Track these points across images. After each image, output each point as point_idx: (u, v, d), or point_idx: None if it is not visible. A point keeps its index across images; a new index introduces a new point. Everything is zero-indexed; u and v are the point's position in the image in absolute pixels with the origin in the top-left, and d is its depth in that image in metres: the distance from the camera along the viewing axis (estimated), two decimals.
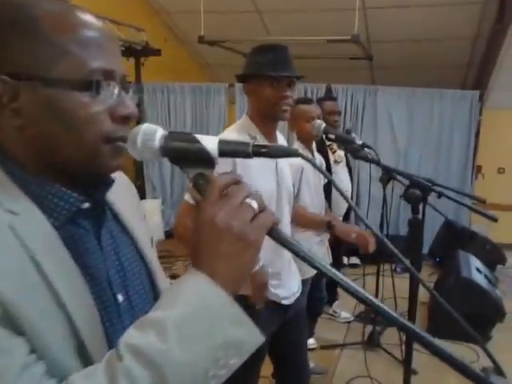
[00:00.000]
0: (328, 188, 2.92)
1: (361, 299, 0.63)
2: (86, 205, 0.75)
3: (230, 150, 0.68)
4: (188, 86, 6.24)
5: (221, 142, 0.67)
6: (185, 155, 0.68)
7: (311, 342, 3.35)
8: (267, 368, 2.14)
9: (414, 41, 6.07)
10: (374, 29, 6.04)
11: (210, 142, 0.68)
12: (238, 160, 1.69)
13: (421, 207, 1.84)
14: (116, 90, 0.72)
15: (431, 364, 2.58)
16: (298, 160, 2.51)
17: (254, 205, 0.63)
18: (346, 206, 3.65)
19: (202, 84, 6.30)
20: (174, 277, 4.63)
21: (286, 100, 1.82)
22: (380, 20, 5.82)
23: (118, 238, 0.82)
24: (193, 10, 5.31)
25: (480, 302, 3.54)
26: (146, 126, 0.69)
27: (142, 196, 6.34)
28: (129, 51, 5.73)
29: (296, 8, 5.88)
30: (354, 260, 5.20)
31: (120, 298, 0.77)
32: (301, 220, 2.42)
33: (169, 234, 6.11)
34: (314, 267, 0.65)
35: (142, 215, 0.96)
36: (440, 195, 1.71)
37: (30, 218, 0.68)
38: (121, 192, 0.88)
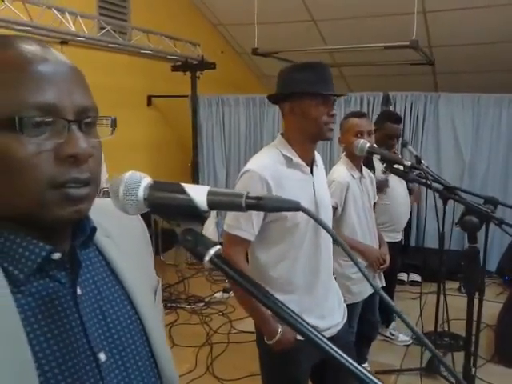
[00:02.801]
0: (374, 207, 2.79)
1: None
2: (57, 255, 0.68)
3: (220, 203, 0.60)
4: (242, 98, 6.24)
5: (210, 194, 0.60)
6: (171, 208, 0.61)
7: (365, 365, 3.19)
8: None
9: (479, 44, 5.72)
10: (435, 32, 5.78)
11: (198, 194, 0.60)
12: (271, 181, 1.65)
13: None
14: (62, 127, 0.63)
15: None
16: (345, 176, 2.43)
17: None
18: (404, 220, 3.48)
19: (256, 95, 6.28)
20: (226, 290, 4.61)
21: (333, 118, 1.77)
22: (441, 23, 5.55)
23: (106, 289, 0.75)
24: (248, 22, 5.31)
25: None
26: (129, 175, 0.63)
27: None
28: (185, 66, 5.84)
29: (351, 15, 5.74)
30: (415, 277, 4.94)
31: (102, 356, 0.70)
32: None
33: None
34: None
35: (147, 259, 0.88)
36: (501, 223, 1.54)
37: None
38: (122, 234, 0.81)
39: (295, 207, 0.59)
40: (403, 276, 4.90)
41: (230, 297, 4.51)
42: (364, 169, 2.62)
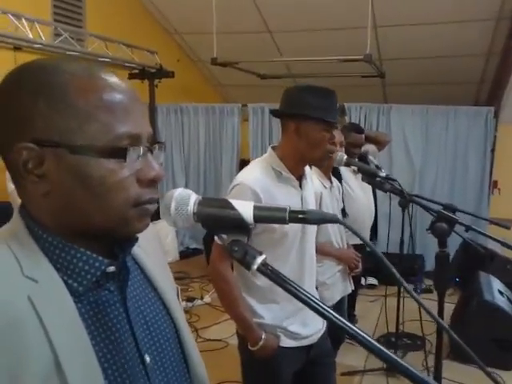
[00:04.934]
0: (343, 212, 2.91)
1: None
2: (112, 268, 0.73)
3: (265, 217, 0.66)
4: (202, 107, 6.28)
5: (256, 208, 0.66)
6: (219, 222, 0.66)
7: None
8: None
9: (427, 58, 6.05)
10: (385, 47, 6.04)
11: (245, 208, 0.66)
12: (261, 193, 1.69)
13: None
14: (141, 153, 0.70)
15: None
16: (317, 187, 2.52)
17: None
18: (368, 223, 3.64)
19: (216, 105, 6.34)
20: (190, 299, 4.61)
21: (332, 147, 1.83)
22: (391, 38, 5.83)
23: (144, 295, 0.81)
24: (205, 32, 5.36)
25: (503, 326, 3.46)
26: (179, 192, 0.68)
27: (156, 216, 6.33)
28: (142, 74, 5.81)
29: (307, 27, 5.91)
30: (372, 280, 5.13)
31: (147, 358, 0.76)
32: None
33: (184, 255, 6.09)
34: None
35: (166, 265, 0.94)
36: (468, 229, 1.67)
37: (49, 288, 0.66)
38: (147, 244, 0.86)
39: (335, 220, 0.66)
40: (361, 279, 5.08)
41: (194, 306, 4.52)
42: (332, 178, 2.74)
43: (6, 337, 0.60)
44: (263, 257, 0.65)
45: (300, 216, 0.65)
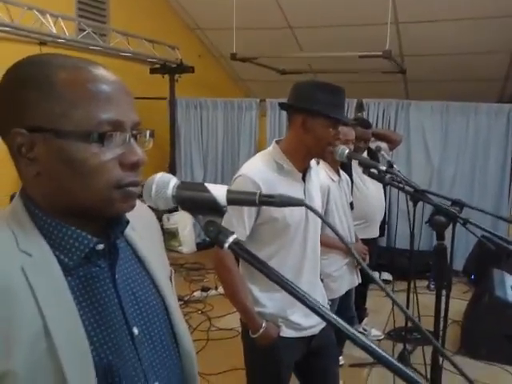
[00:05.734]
0: (351, 206, 2.94)
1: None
2: (101, 246, 0.80)
3: (237, 199, 0.72)
4: (220, 101, 6.36)
5: (229, 192, 0.72)
6: (195, 204, 0.73)
7: (339, 359, 3.34)
8: None
9: (448, 54, 5.99)
10: (407, 42, 6.00)
11: (219, 192, 0.72)
12: (263, 185, 1.73)
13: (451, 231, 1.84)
14: (125, 139, 0.77)
15: None
16: (325, 179, 2.56)
17: None
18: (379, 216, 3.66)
19: (234, 99, 6.40)
20: (204, 289, 4.71)
21: (337, 143, 1.89)
22: (413, 34, 5.78)
23: (135, 274, 0.88)
24: (226, 27, 5.42)
25: None
26: (159, 177, 0.75)
27: (175, 208, 6.45)
28: (163, 69, 5.91)
29: (328, 23, 5.91)
30: (386, 276, 5.14)
31: (136, 330, 0.83)
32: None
33: (201, 246, 6.20)
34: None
35: (162, 249, 1.01)
36: (465, 223, 1.69)
37: (42, 262, 0.74)
38: (143, 228, 0.93)
39: (300, 203, 0.71)
40: (375, 275, 5.09)
41: (209, 296, 4.61)
42: (341, 171, 2.78)
43: (0, 300, 0.68)
44: (234, 236, 0.71)
45: (269, 199, 0.71)
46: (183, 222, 6.07)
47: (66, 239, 0.77)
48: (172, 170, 6.20)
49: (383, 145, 3.75)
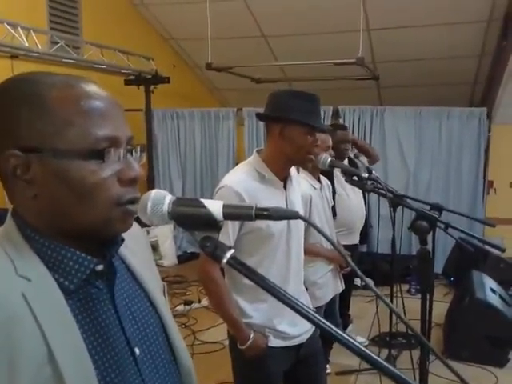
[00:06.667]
0: (333, 210, 2.96)
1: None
2: (100, 267, 0.78)
3: (233, 214, 0.71)
4: (197, 111, 6.35)
5: (225, 207, 0.71)
6: (191, 220, 0.71)
7: (326, 367, 3.33)
8: None
9: (421, 60, 6.11)
10: (379, 49, 6.11)
11: (215, 207, 0.71)
12: (245, 195, 1.73)
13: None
14: (121, 155, 0.76)
15: None
16: (306, 189, 2.57)
17: None
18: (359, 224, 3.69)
19: (211, 109, 6.40)
20: (187, 303, 4.65)
21: (315, 150, 1.89)
22: (385, 40, 5.89)
23: (132, 292, 0.86)
24: (200, 37, 5.43)
25: (495, 323, 3.50)
26: (154, 193, 0.73)
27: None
28: (138, 80, 5.87)
29: (301, 31, 5.98)
30: (368, 281, 5.17)
31: (137, 351, 0.81)
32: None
33: (182, 259, 6.14)
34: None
35: (153, 264, 1.00)
36: (446, 227, 1.72)
37: (42, 286, 0.71)
38: (134, 244, 0.91)
39: (295, 216, 0.71)
40: (357, 280, 5.12)
41: (192, 309, 4.56)
42: (321, 177, 2.79)
43: (4, 331, 0.66)
44: (232, 251, 0.70)
45: (265, 213, 0.70)
46: (163, 235, 6.01)
47: (66, 262, 0.75)
48: (150, 182, 6.14)
49: (364, 159, 3.82)
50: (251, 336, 1.81)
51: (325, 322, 0.67)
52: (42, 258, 0.74)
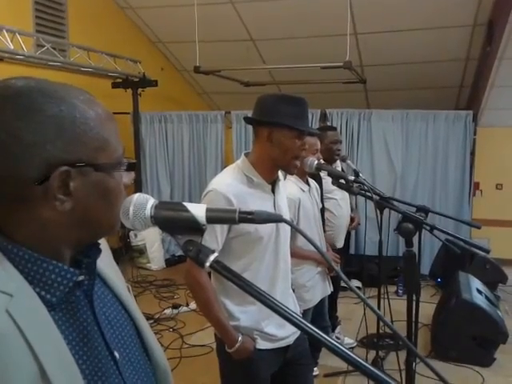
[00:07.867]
0: (321, 213, 2.98)
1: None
2: (81, 277, 0.78)
3: (217, 218, 0.71)
4: (185, 114, 6.34)
5: (208, 210, 0.71)
6: (175, 223, 0.72)
7: (314, 369, 3.34)
8: None
9: (406, 63, 6.17)
10: (366, 53, 6.16)
11: (198, 210, 0.71)
12: (234, 199, 1.73)
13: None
14: (126, 166, 0.82)
15: None
16: (295, 192, 2.58)
17: None
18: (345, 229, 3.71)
19: (199, 112, 6.40)
20: (175, 306, 4.63)
21: (303, 154, 1.90)
22: (372, 44, 5.94)
23: (104, 296, 0.87)
24: (188, 40, 5.42)
25: (481, 323, 3.54)
26: (137, 197, 0.73)
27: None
28: (126, 83, 5.85)
29: (288, 35, 6.01)
30: (356, 283, 5.20)
31: (117, 354, 0.82)
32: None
33: (170, 262, 6.12)
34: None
35: (114, 264, 1.00)
36: (432, 229, 1.74)
37: (25, 301, 0.70)
38: (103, 252, 0.92)
39: (279, 219, 0.71)
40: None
41: (180, 313, 4.55)
42: (309, 179, 2.80)
43: None
44: (215, 254, 0.70)
45: (248, 216, 0.70)
46: (151, 239, 5.99)
47: (48, 275, 0.74)
48: (137, 186, 6.11)
49: (351, 162, 3.84)
50: (239, 339, 1.81)
51: (309, 325, 0.68)
52: (20, 272, 0.72)
